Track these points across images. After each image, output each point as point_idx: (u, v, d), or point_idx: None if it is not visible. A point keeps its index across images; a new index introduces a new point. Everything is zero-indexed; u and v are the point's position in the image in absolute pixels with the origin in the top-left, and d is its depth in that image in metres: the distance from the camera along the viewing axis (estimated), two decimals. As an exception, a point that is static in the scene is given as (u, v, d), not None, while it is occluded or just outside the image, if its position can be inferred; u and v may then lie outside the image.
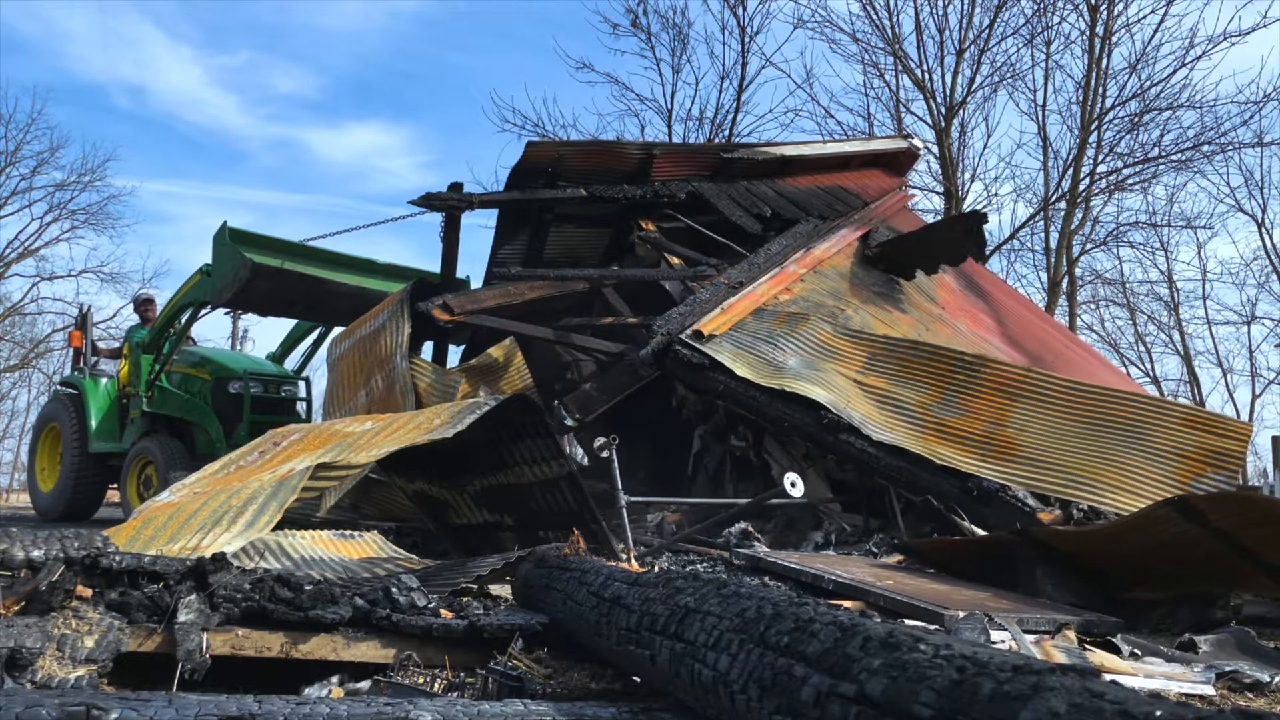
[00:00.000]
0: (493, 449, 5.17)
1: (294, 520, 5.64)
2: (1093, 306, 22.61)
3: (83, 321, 11.85)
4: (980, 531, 5.63)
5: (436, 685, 2.75)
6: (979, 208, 17.31)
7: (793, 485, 5.58)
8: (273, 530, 4.35)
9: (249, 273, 8.71)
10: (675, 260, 8.71)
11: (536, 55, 53.00)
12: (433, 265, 9.20)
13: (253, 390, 10.04)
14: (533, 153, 8.56)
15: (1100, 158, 16.88)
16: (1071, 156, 16.93)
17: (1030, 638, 3.42)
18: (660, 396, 8.03)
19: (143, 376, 10.30)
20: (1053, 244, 17.41)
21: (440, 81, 58.62)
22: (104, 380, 11.17)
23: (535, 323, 8.22)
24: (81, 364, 11.45)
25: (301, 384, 10.84)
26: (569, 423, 7.34)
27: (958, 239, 8.62)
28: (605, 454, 5.79)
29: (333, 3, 52.00)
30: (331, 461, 4.55)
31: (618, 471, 5.70)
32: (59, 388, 12.29)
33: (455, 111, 62.59)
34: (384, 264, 10.07)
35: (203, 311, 10.16)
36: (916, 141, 11.93)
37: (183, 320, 10.17)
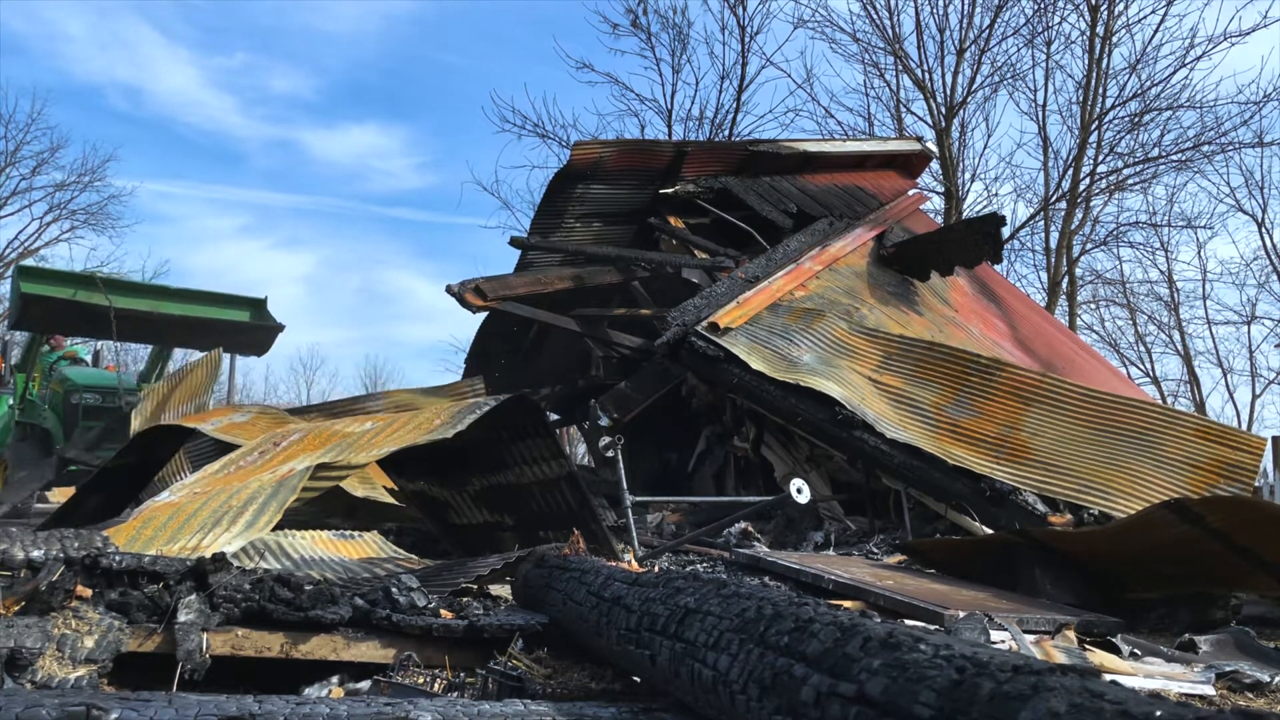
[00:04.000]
0: (493, 449, 5.16)
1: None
2: (1093, 306, 22.50)
3: (2, 349, 13.98)
4: (989, 532, 5.63)
5: (436, 685, 2.75)
6: (981, 208, 17.36)
7: (799, 492, 5.58)
8: (273, 530, 4.34)
9: (20, 301, 11.45)
10: (700, 254, 8.75)
11: (535, 57, 52.90)
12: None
13: (87, 400, 11.99)
14: (577, 155, 8.71)
15: (1100, 158, 16.87)
16: (1071, 156, 16.93)
17: (1030, 638, 3.42)
18: (663, 397, 8.03)
19: (18, 392, 12.57)
20: (1053, 244, 17.40)
21: (437, 83, 58.54)
22: (9, 398, 13.17)
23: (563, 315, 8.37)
24: None
25: (139, 396, 12.84)
26: (604, 421, 7.36)
27: (975, 241, 8.64)
28: (611, 454, 5.80)
29: (328, 5, 51.87)
30: (332, 461, 4.54)
31: (624, 471, 5.70)
32: None
33: (453, 113, 62.44)
34: (177, 289, 12.57)
35: (48, 338, 13.11)
36: (930, 145, 11.97)
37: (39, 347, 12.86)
